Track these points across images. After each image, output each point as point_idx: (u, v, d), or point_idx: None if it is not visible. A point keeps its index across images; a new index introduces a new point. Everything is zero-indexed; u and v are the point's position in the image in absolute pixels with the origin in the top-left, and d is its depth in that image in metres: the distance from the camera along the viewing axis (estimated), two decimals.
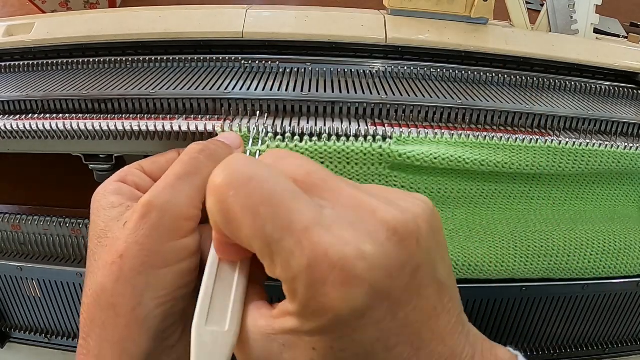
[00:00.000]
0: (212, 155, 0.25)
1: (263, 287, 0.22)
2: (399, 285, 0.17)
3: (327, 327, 0.17)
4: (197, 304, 0.20)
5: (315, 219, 0.17)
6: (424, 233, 0.18)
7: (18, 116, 0.33)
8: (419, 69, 0.39)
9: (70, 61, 0.40)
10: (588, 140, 0.32)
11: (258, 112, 0.33)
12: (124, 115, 0.33)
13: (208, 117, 0.33)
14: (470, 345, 0.19)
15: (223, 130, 0.29)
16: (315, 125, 0.31)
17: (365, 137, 0.29)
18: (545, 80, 0.41)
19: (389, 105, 0.34)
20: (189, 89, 0.34)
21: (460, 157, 0.30)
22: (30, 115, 0.33)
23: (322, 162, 0.29)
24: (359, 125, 0.32)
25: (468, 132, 0.32)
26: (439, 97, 0.35)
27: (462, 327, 0.20)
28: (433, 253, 0.19)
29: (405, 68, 0.39)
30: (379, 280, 0.17)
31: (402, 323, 0.18)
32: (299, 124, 0.31)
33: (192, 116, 0.33)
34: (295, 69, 0.38)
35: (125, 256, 0.22)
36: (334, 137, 0.29)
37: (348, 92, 0.35)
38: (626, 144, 0.33)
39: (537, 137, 0.32)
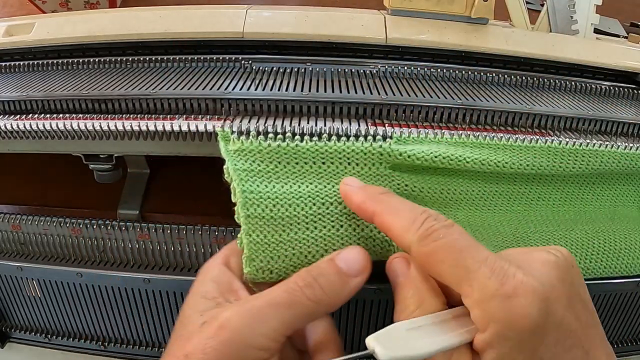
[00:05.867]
0: (315, 295, 0.23)
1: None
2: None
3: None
4: None
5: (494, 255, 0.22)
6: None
7: (18, 116, 0.33)
8: (419, 69, 0.39)
9: (70, 61, 0.40)
10: (588, 141, 0.32)
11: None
12: (124, 115, 0.32)
13: (208, 117, 0.33)
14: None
15: (223, 130, 0.29)
16: (316, 125, 0.31)
17: (365, 137, 0.29)
18: (545, 80, 0.41)
19: (389, 105, 0.34)
20: (189, 89, 0.34)
21: (460, 156, 0.30)
22: (30, 115, 0.33)
23: (323, 163, 0.29)
24: (359, 125, 0.32)
25: (468, 132, 0.32)
26: (439, 97, 0.35)
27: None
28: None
29: (406, 68, 0.39)
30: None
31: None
32: (299, 124, 0.31)
33: (192, 116, 0.33)
34: (295, 69, 0.38)
35: (190, 357, 0.22)
36: (334, 137, 0.29)
37: (348, 92, 0.35)
38: (626, 144, 0.33)
39: (537, 137, 0.32)
